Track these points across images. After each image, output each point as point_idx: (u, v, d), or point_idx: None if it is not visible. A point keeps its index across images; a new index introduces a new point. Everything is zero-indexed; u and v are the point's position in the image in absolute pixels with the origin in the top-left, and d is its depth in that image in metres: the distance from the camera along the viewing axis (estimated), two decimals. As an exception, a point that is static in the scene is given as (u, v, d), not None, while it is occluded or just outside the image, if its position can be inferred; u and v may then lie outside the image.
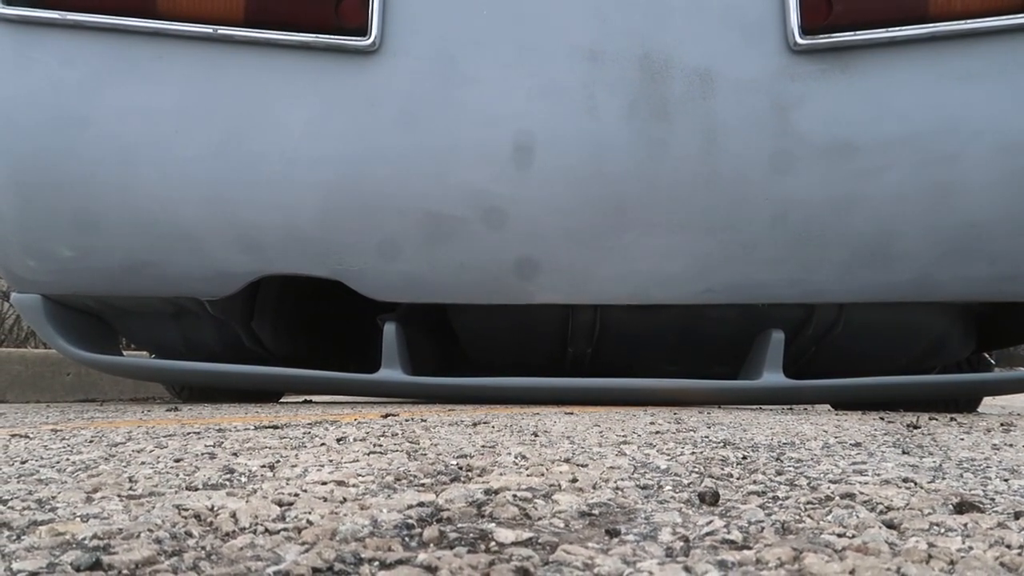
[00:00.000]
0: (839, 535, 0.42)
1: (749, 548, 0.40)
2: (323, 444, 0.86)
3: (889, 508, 0.49)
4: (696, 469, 0.65)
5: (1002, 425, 1.16)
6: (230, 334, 2.09)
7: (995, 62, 1.58)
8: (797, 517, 0.46)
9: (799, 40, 1.57)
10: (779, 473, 0.63)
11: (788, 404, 2.04)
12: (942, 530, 0.43)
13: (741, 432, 1.01)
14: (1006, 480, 0.59)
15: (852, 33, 1.57)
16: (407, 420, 1.23)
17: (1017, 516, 0.47)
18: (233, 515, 0.45)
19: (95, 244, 1.68)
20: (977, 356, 2.53)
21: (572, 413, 1.48)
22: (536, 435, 0.97)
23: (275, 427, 1.11)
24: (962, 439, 0.93)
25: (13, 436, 0.98)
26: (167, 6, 1.62)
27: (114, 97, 1.63)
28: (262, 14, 1.64)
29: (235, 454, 0.76)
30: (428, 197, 1.66)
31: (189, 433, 1.00)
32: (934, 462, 0.69)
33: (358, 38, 1.63)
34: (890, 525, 0.44)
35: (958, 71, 1.58)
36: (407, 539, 0.41)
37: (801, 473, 0.63)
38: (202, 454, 0.77)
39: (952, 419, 1.31)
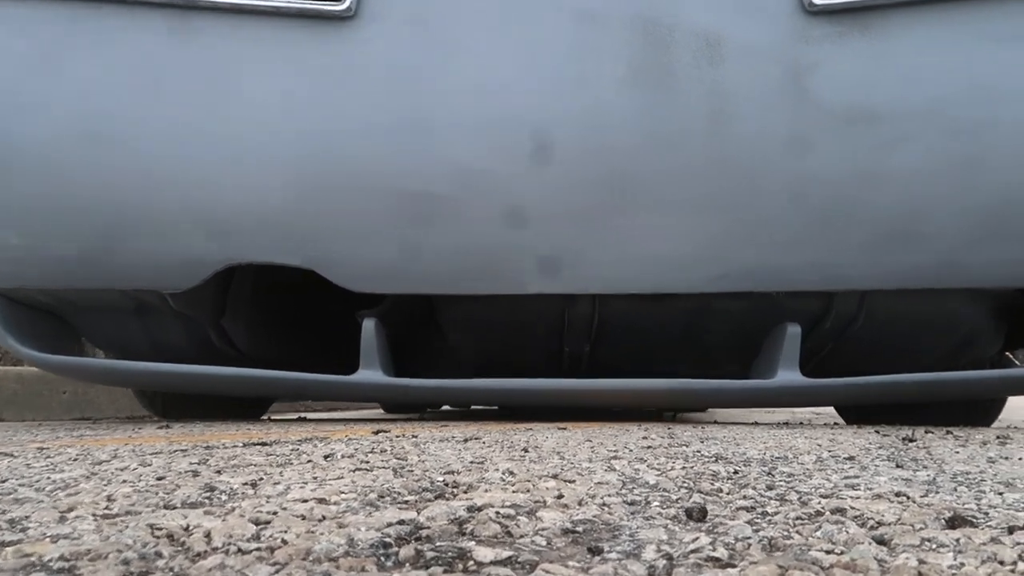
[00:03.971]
0: (827, 552, 0.41)
1: (734, 566, 0.38)
2: (310, 461, 0.85)
3: (880, 523, 0.48)
4: (686, 484, 0.64)
5: (998, 438, 1.15)
6: (198, 333, 1.92)
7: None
8: (785, 533, 0.45)
9: (814, 0, 1.46)
10: (770, 488, 0.62)
11: (804, 406, 1.92)
12: (934, 546, 0.42)
13: (734, 446, 1.00)
14: (1000, 494, 0.58)
15: None
16: (398, 437, 1.21)
17: (1011, 531, 0.46)
18: (207, 535, 0.44)
19: (45, 231, 1.54)
20: (1000, 356, 2.34)
21: (565, 428, 1.46)
22: (526, 450, 0.95)
23: (264, 444, 1.10)
24: (957, 452, 0.91)
25: (-4, 455, 0.96)
26: None
27: (68, 70, 1.50)
28: None
29: (219, 471, 0.75)
30: (411, 175, 1.54)
31: (176, 451, 0.99)
32: (928, 475, 0.68)
33: (332, 3, 1.52)
34: (880, 541, 0.43)
35: (991, 32, 1.46)
36: (382, 558, 0.40)
37: (792, 488, 0.62)
38: (185, 472, 0.75)
39: (948, 432, 1.29)
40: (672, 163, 1.50)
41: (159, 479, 0.70)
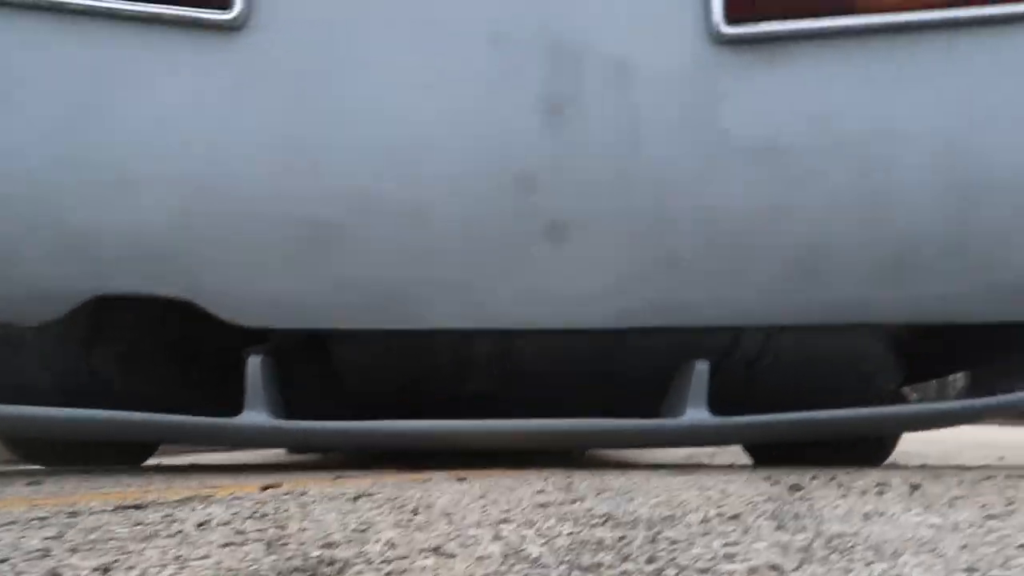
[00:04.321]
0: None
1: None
2: (180, 531, 0.79)
3: (750, 605, 0.48)
4: (568, 557, 0.63)
5: (877, 486, 1.20)
6: (66, 370, 1.77)
7: (929, 60, 1.51)
8: (656, 622, 0.45)
9: (723, 30, 1.47)
10: (650, 561, 0.61)
11: (713, 444, 1.97)
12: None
13: (626, 503, 1.00)
14: (869, 564, 0.59)
15: (778, 23, 1.48)
16: (285, 495, 1.16)
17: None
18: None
19: None
20: (897, 392, 2.42)
21: (464, 479, 1.44)
22: (416, 512, 0.93)
23: (137, 507, 1.03)
24: (837, 506, 0.94)
25: None
26: None
27: None
28: None
29: (73, 550, 0.69)
30: (303, 200, 1.46)
31: (33, 519, 0.91)
32: (805, 540, 0.69)
33: (219, 11, 1.43)
34: (747, 629, 0.43)
35: (889, 69, 1.50)
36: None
37: (673, 560, 0.61)
38: (35, 551, 0.69)
39: (833, 478, 1.34)
40: (580, 192, 1.48)
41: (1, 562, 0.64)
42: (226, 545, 0.70)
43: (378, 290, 1.52)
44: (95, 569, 0.60)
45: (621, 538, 0.72)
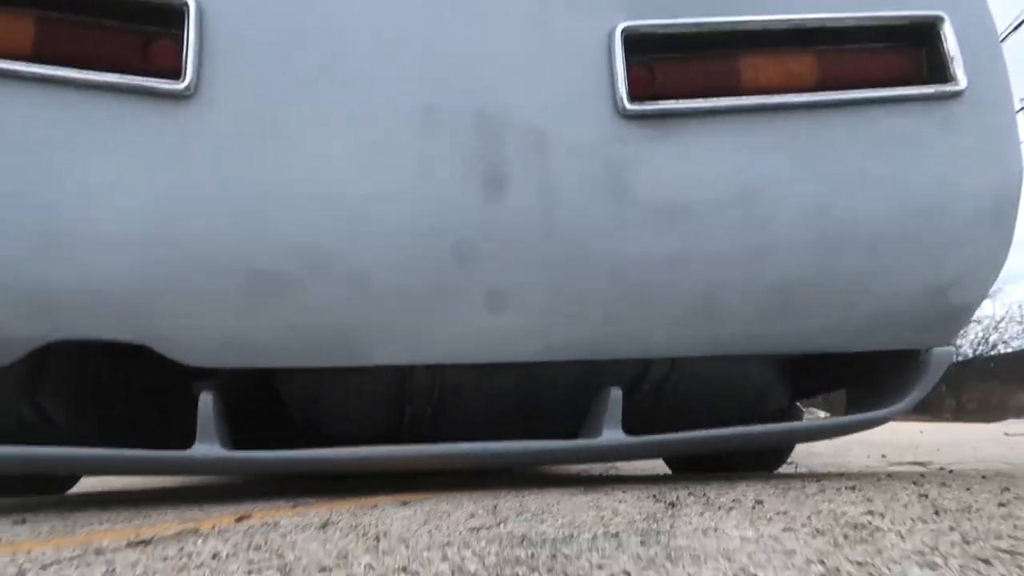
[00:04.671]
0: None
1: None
2: (203, 563, 1.05)
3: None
4: (494, 569, 0.93)
5: (733, 502, 1.54)
6: (8, 409, 1.86)
7: (798, 135, 1.78)
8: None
9: (627, 106, 1.70)
10: (548, 569, 0.92)
11: (627, 460, 2.27)
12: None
13: (540, 523, 1.31)
14: (687, 569, 0.91)
15: (674, 101, 1.74)
16: (262, 525, 1.42)
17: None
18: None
19: None
20: (790, 406, 2.84)
21: (407, 503, 1.72)
22: (378, 539, 1.21)
23: (146, 543, 1.27)
24: (691, 522, 1.27)
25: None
26: None
27: None
28: (53, 50, 1.53)
29: (135, 581, 0.95)
30: (249, 254, 1.59)
31: (72, 557, 1.15)
32: (654, 552, 1.01)
33: (170, 81, 1.55)
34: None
35: (767, 142, 1.77)
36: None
37: (564, 571, 0.92)
38: (105, 583, 0.94)
39: (705, 495, 1.67)
40: (503, 247, 1.68)
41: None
42: (249, 573, 0.97)
43: (321, 332, 1.67)
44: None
45: (531, 555, 1.02)
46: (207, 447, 1.67)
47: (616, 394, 1.87)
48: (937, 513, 1.25)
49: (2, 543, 1.37)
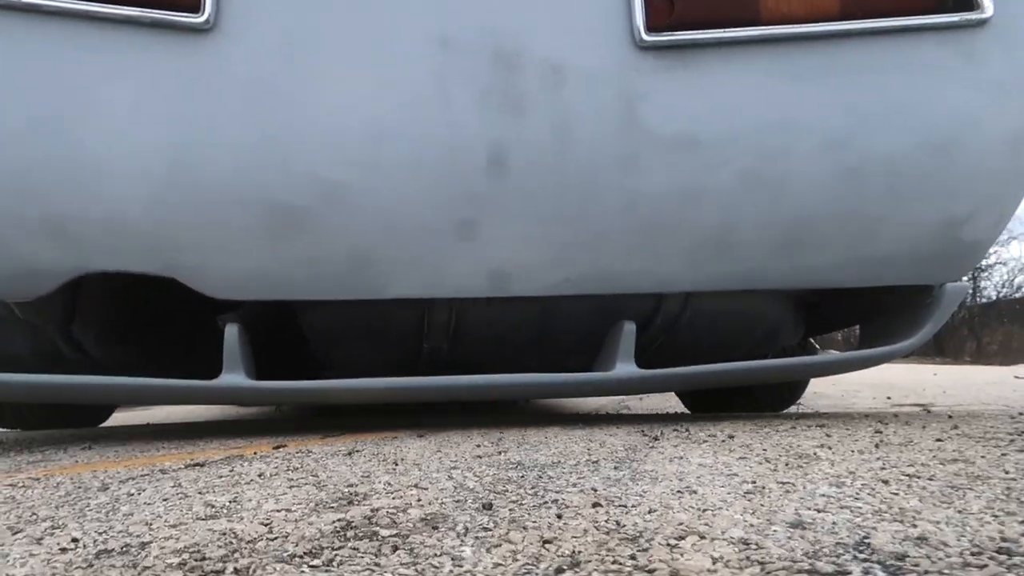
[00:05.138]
0: (534, 523, 0.91)
1: (497, 529, 0.88)
2: (252, 480, 1.28)
3: (566, 506, 1.00)
4: (489, 487, 1.14)
5: (708, 437, 1.74)
6: (45, 340, 1.92)
7: (818, 66, 1.75)
8: (524, 515, 0.96)
9: (644, 37, 1.69)
10: (532, 487, 1.13)
11: (640, 393, 2.27)
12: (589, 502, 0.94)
13: (534, 452, 1.52)
14: (644, 488, 1.12)
15: (692, 32, 1.71)
16: (298, 452, 1.65)
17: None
18: (236, 534, 0.89)
19: None
20: (805, 342, 2.91)
21: (423, 436, 1.94)
22: (396, 463, 1.43)
23: (201, 465, 1.51)
24: (663, 451, 1.47)
25: None
26: None
27: None
28: None
29: (202, 492, 1.18)
30: (270, 187, 1.61)
31: (138, 476, 1.38)
32: (623, 474, 1.22)
33: (190, 14, 1.56)
34: (559, 516, 0.95)
35: (786, 73, 1.74)
36: (337, 537, 0.87)
37: (545, 487, 1.13)
38: (178, 495, 1.17)
39: (687, 431, 1.88)
40: (520, 179, 1.70)
41: (168, 500, 1.12)
42: (291, 487, 1.20)
43: (341, 265, 1.69)
44: (231, 501, 1.09)
45: (522, 476, 1.23)
46: (233, 376, 1.75)
47: (629, 328, 1.91)
48: (877, 446, 1.45)
49: (80, 463, 1.62)
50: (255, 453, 1.68)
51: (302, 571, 0.74)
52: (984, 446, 1.39)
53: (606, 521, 0.90)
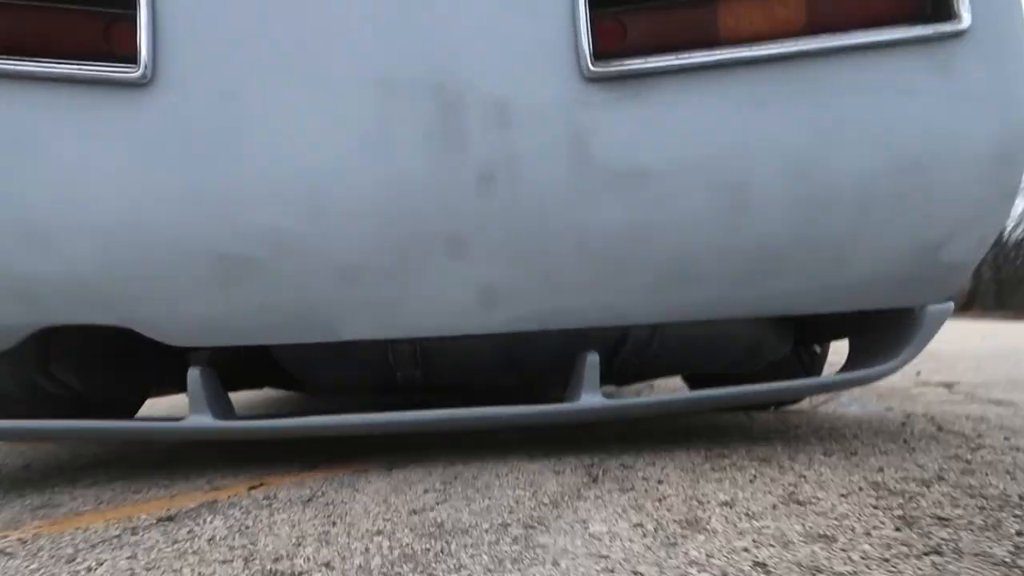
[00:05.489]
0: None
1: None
2: (197, 550, 1.45)
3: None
4: (388, 566, 1.29)
5: (658, 483, 1.85)
6: (29, 379, 2.02)
7: (782, 87, 1.68)
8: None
9: (591, 68, 1.63)
10: (424, 570, 1.27)
11: (609, 420, 2.23)
12: None
13: (469, 505, 1.65)
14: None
15: (643, 60, 1.64)
16: (264, 499, 1.82)
17: None
18: None
19: None
20: (806, 350, 2.82)
21: (391, 470, 2.09)
22: (335, 522, 1.58)
23: (171, 519, 1.69)
24: (576, 515, 1.59)
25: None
26: None
27: None
28: (15, 40, 1.56)
29: (148, 568, 1.35)
30: (218, 238, 1.62)
31: (109, 539, 1.57)
32: (510, 552, 1.35)
33: (125, 69, 1.55)
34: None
35: (747, 96, 1.68)
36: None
37: (432, 572, 1.27)
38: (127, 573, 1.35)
39: (629, 468, 1.98)
40: (468, 219, 1.68)
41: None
42: (224, 562, 1.36)
43: (291, 311, 1.70)
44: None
45: (427, 549, 1.37)
46: (199, 418, 1.81)
47: (593, 359, 1.88)
48: (785, 502, 1.54)
49: (71, 514, 1.82)
50: (229, 497, 1.86)
51: None
52: (884, 514, 1.48)
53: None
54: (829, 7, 1.73)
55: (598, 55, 1.65)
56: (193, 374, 1.79)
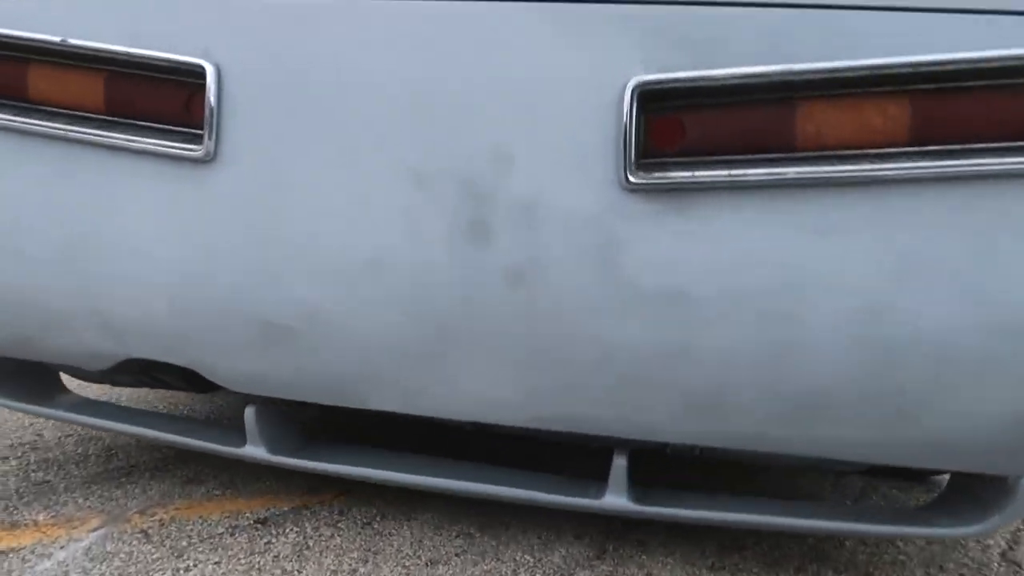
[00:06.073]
0: None
1: None
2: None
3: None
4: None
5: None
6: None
7: (858, 215, 1.45)
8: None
9: (631, 179, 1.50)
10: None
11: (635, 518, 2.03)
12: None
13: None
14: None
15: (690, 173, 1.49)
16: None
17: None
18: None
19: None
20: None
21: (411, 518, 2.20)
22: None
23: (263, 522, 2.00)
24: None
25: None
26: (37, 92, 1.75)
27: None
28: (119, 105, 1.72)
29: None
30: (261, 306, 1.73)
31: (209, 537, 1.93)
32: None
33: (191, 147, 1.68)
34: None
35: (812, 222, 1.47)
36: None
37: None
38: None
39: (639, 541, 1.98)
40: (489, 317, 1.65)
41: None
42: None
43: (323, 377, 1.81)
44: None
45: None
46: (255, 449, 2.00)
47: (620, 463, 1.81)
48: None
49: (50, 522, 2.22)
50: (319, 504, 2.17)
51: None
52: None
53: None
54: (943, 122, 1.42)
55: (647, 156, 1.50)
56: (249, 412, 1.96)
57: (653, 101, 1.51)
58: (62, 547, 1.89)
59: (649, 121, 1.53)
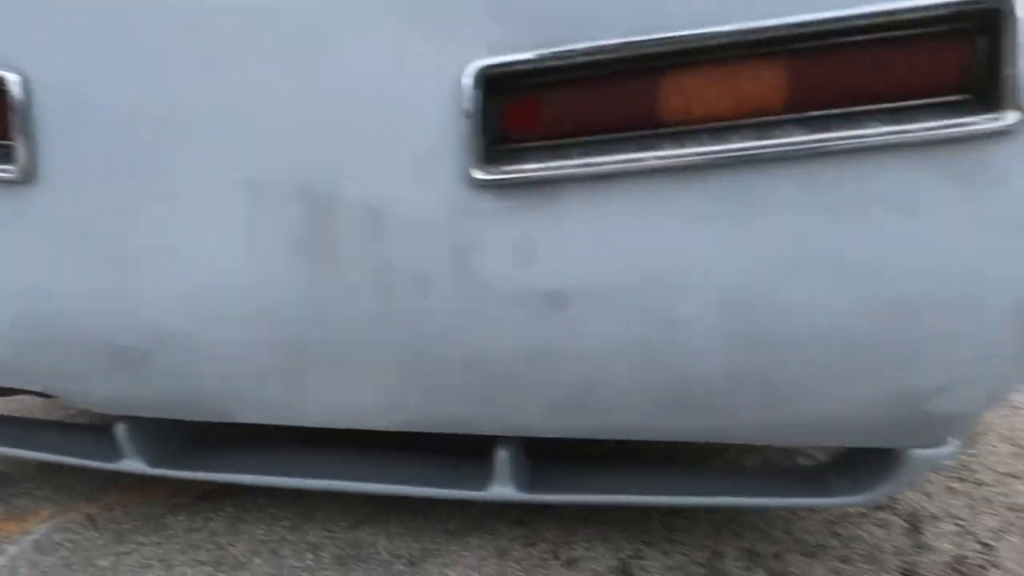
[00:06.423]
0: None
1: None
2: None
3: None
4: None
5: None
6: None
7: (728, 199, 1.32)
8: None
9: (477, 175, 1.39)
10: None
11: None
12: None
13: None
14: None
15: (544, 165, 1.36)
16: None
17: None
18: None
19: None
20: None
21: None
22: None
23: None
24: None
25: None
26: None
27: None
28: None
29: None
30: (108, 331, 1.66)
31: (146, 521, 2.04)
32: None
33: (5, 167, 1.57)
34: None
35: (676, 209, 1.35)
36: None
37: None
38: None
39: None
40: (343, 328, 1.56)
41: None
42: None
43: (184, 394, 1.75)
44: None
45: None
46: (133, 463, 1.96)
47: (503, 455, 1.79)
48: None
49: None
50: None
51: None
52: None
53: None
54: (821, 86, 1.27)
55: (494, 150, 1.37)
56: (120, 428, 1.93)
57: (498, 88, 1.36)
58: (14, 543, 1.95)
59: (495, 111, 1.38)
